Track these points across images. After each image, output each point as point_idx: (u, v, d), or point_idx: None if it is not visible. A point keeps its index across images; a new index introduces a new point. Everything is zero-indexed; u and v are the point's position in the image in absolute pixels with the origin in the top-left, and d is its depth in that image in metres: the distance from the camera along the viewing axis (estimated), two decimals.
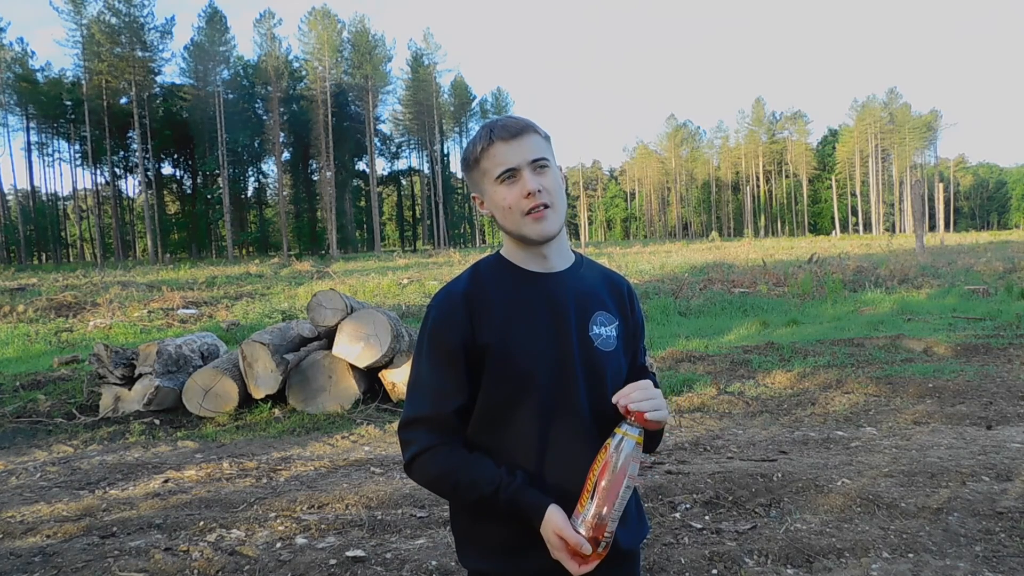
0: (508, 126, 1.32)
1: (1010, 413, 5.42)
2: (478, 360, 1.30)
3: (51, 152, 67.66)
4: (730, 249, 35.25)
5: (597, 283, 1.43)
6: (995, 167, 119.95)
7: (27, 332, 12.15)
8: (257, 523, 3.63)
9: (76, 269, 37.36)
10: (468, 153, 1.35)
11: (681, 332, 10.06)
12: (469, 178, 1.39)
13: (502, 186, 1.31)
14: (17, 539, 3.53)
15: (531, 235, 1.32)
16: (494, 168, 1.31)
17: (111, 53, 56.83)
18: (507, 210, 1.31)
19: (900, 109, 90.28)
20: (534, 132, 1.33)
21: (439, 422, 1.30)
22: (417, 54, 73.80)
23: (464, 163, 1.38)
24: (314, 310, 6.75)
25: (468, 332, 1.29)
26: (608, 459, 1.21)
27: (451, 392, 1.30)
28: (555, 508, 1.23)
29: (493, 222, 1.39)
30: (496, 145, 1.31)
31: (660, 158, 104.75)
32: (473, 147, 1.34)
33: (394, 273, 24.19)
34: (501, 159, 1.30)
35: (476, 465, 1.28)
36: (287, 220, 65.16)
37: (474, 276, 1.37)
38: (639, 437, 1.22)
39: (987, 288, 13.66)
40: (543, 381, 1.30)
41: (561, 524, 1.20)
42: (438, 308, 1.33)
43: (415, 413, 1.32)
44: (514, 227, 1.33)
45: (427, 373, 1.32)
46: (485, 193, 1.35)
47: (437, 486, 1.31)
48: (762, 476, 3.94)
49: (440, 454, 1.29)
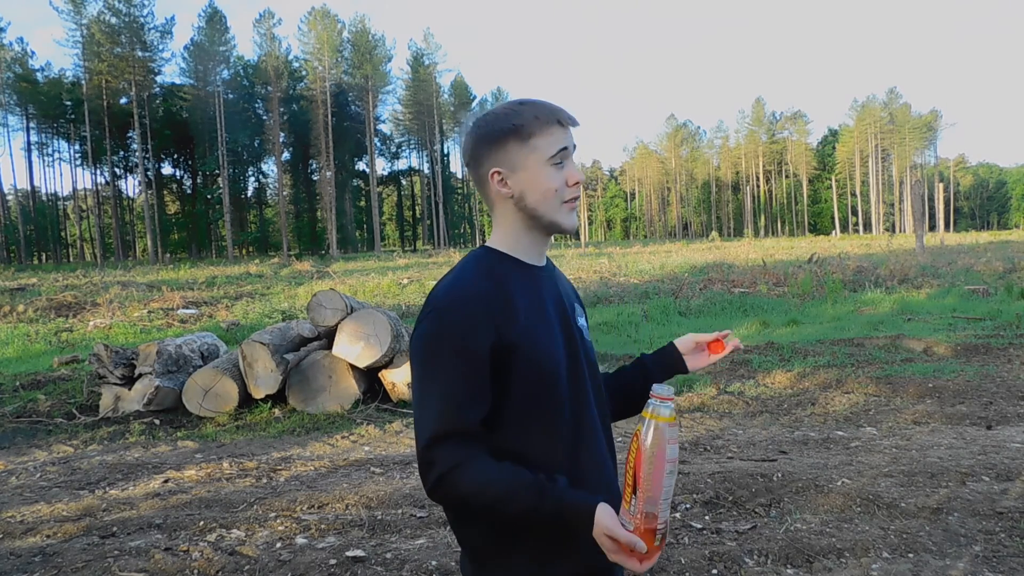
0: (569, 115, 1.29)
1: (1010, 413, 5.42)
2: (503, 363, 1.21)
3: (51, 152, 67.69)
4: (730, 249, 35.25)
5: (563, 277, 1.45)
6: (995, 167, 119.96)
7: (27, 332, 12.15)
8: (257, 523, 3.62)
9: (76, 269, 37.36)
10: (519, 123, 1.25)
11: (681, 332, 10.06)
12: (503, 149, 1.27)
13: (552, 168, 1.26)
14: (17, 539, 3.53)
15: (565, 224, 1.29)
16: (550, 147, 1.25)
17: (111, 53, 56.82)
18: (551, 192, 1.26)
19: (900, 109, 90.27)
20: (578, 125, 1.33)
21: (466, 435, 1.18)
22: (417, 54, 73.81)
23: (507, 132, 1.26)
24: (314, 310, 6.76)
25: (494, 334, 1.19)
26: (642, 446, 1.11)
27: (476, 401, 1.19)
28: (603, 508, 1.13)
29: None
30: (557, 126, 1.26)
31: (660, 158, 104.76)
32: (531, 119, 1.25)
33: (394, 273, 24.20)
34: (559, 140, 1.26)
35: (512, 474, 1.17)
36: (287, 220, 65.16)
37: (486, 272, 1.26)
38: (670, 416, 1.12)
39: (987, 288, 13.66)
40: (565, 377, 1.27)
41: (611, 525, 1.11)
42: (457, 311, 1.20)
43: (438, 429, 1.17)
44: (548, 212, 1.28)
45: (446, 382, 1.18)
46: (525, 169, 1.26)
47: (471, 504, 1.18)
48: (762, 476, 3.94)
49: (470, 468, 1.16)
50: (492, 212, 1.33)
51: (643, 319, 11.54)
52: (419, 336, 1.22)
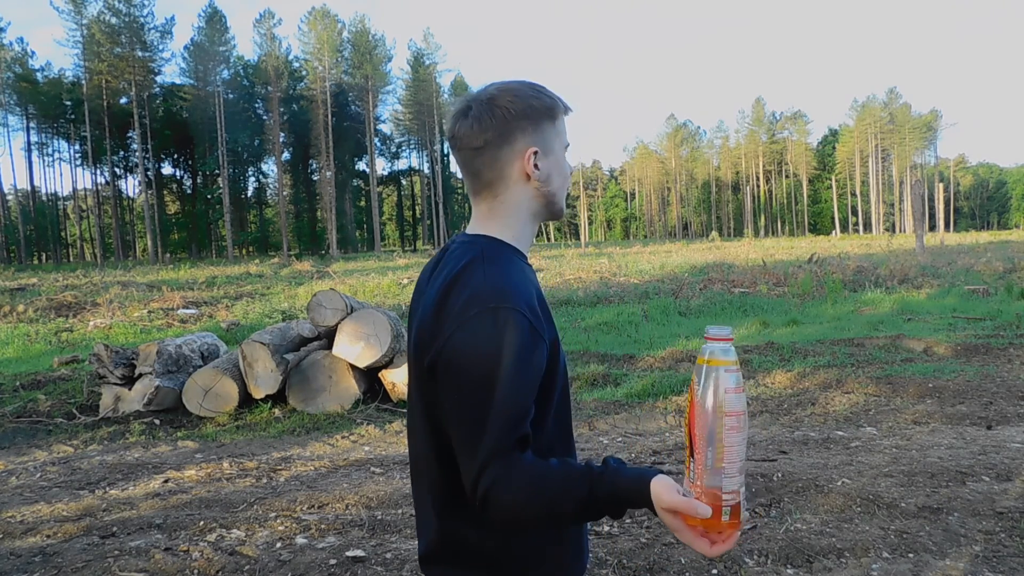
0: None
1: (1010, 413, 5.41)
2: (552, 362, 1.14)
3: (51, 152, 67.68)
4: (730, 249, 35.25)
5: None
6: (995, 167, 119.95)
7: (27, 332, 12.15)
8: (257, 523, 3.62)
9: (76, 269, 37.36)
10: (552, 104, 1.24)
11: (681, 332, 10.07)
12: (539, 128, 1.21)
13: (565, 153, 1.29)
14: (17, 539, 3.53)
15: (561, 209, 1.30)
16: (565, 135, 1.28)
17: (111, 53, 56.83)
18: (567, 178, 1.28)
19: (900, 109, 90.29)
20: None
21: (520, 444, 1.06)
22: (417, 54, 73.79)
23: (543, 111, 1.22)
24: (314, 310, 6.76)
25: (548, 334, 1.12)
26: (696, 400, 0.96)
27: (532, 409, 1.09)
28: (660, 480, 1.00)
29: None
30: (568, 115, 1.29)
31: (660, 158, 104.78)
32: (558, 104, 1.25)
33: (394, 273, 24.19)
34: (566, 130, 1.29)
35: (558, 469, 1.06)
36: (287, 220, 65.16)
37: (518, 263, 1.20)
38: (727, 360, 0.95)
39: (987, 288, 13.66)
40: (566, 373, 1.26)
41: (666, 496, 0.97)
42: (519, 311, 1.07)
43: (500, 443, 1.04)
44: (561, 198, 1.29)
45: (512, 393, 1.05)
46: (553, 152, 1.25)
47: (527, 511, 1.05)
48: (762, 476, 3.94)
49: (517, 472, 1.04)
50: (498, 196, 1.22)
51: (643, 319, 11.54)
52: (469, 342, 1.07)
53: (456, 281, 1.13)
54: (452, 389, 1.09)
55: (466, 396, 1.07)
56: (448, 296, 1.12)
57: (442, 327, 1.10)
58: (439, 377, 1.11)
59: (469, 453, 1.06)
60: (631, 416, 5.87)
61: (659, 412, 5.97)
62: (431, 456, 1.19)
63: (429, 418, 1.17)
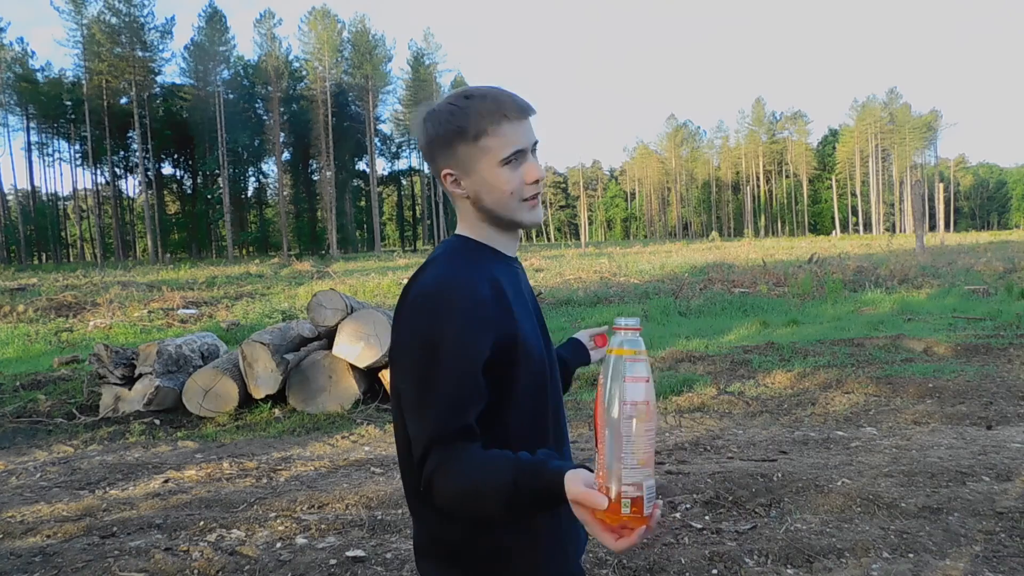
0: (521, 105, 1.19)
1: (1010, 413, 5.42)
2: (508, 357, 1.15)
3: (51, 152, 67.71)
4: (730, 249, 35.25)
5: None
6: (995, 167, 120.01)
7: (27, 332, 12.15)
8: (257, 523, 3.62)
9: (76, 269, 37.36)
10: (466, 124, 1.17)
11: (681, 332, 10.06)
12: (450, 150, 1.20)
13: (505, 168, 1.18)
14: (17, 539, 3.53)
15: (527, 221, 1.22)
16: (502, 148, 1.17)
17: (111, 53, 56.87)
18: (507, 195, 1.19)
19: (900, 109, 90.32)
20: (534, 112, 1.23)
21: (464, 434, 1.09)
22: (417, 54, 73.79)
23: (454, 134, 1.18)
24: (314, 310, 6.76)
25: (493, 328, 1.13)
26: (600, 391, 0.94)
27: (476, 399, 1.11)
28: (574, 471, 0.98)
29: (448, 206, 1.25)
30: (508, 123, 1.17)
31: (660, 158, 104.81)
32: (477, 120, 1.17)
33: (394, 273, 24.18)
34: (512, 139, 1.17)
35: (490, 459, 1.05)
36: (287, 220, 65.18)
37: (476, 260, 1.21)
38: (631, 349, 0.93)
39: (987, 288, 13.65)
40: (548, 362, 1.25)
41: (571, 487, 0.95)
42: (453, 305, 1.11)
43: (436, 433, 1.07)
44: (508, 212, 1.21)
45: (447, 381, 1.09)
46: (476, 172, 1.19)
47: (460, 501, 1.07)
48: (762, 476, 3.94)
49: (454, 462, 1.06)
50: (456, 204, 1.27)
51: (643, 319, 11.54)
52: (410, 333, 1.12)
53: (414, 277, 1.19)
54: (399, 380, 1.16)
55: (409, 386, 1.13)
56: (405, 292, 1.19)
57: (395, 321, 1.18)
58: (391, 369, 1.19)
59: (415, 442, 1.11)
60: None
61: (659, 412, 5.97)
62: (401, 448, 1.22)
63: (398, 410, 1.20)
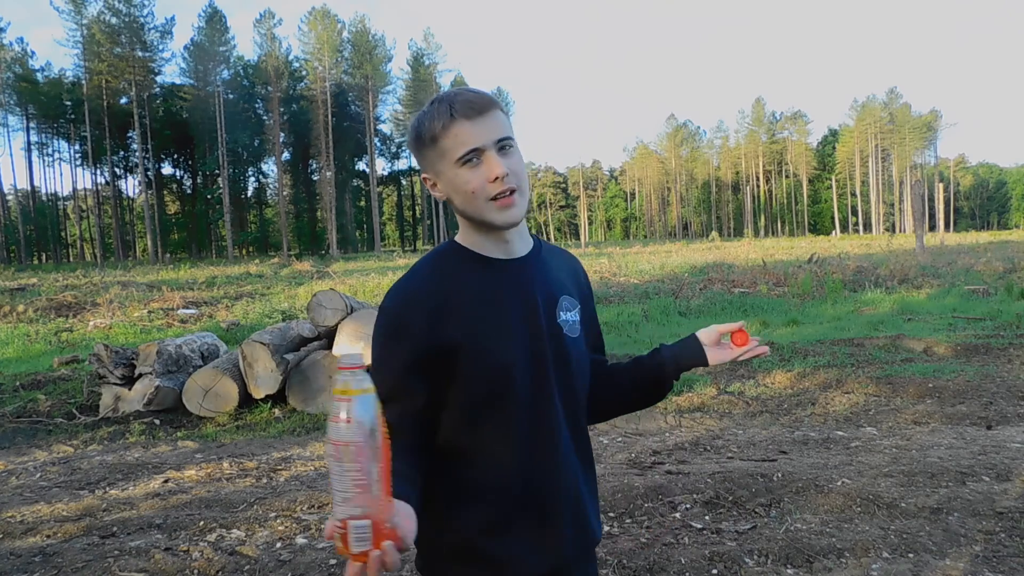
0: (472, 101, 1.17)
1: (1010, 413, 5.42)
2: (447, 361, 1.17)
3: (51, 152, 67.73)
4: (730, 249, 35.25)
5: (560, 266, 1.36)
6: (995, 167, 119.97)
7: (27, 332, 12.15)
8: (257, 523, 3.63)
9: (76, 269, 37.36)
10: (422, 130, 1.19)
11: (681, 332, 10.07)
12: (421, 156, 1.23)
13: (463, 168, 1.17)
14: (17, 539, 3.53)
15: (497, 222, 1.20)
16: (456, 148, 1.17)
17: (111, 53, 56.87)
18: (470, 195, 1.18)
19: (900, 109, 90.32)
20: (497, 108, 1.20)
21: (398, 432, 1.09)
22: (417, 54, 73.80)
23: (417, 141, 1.22)
24: (314, 310, 6.76)
25: (424, 333, 1.16)
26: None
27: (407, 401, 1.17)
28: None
29: (447, 206, 1.25)
30: (459, 123, 1.16)
31: (660, 158, 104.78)
32: (429, 123, 1.18)
33: (394, 273, 24.17)
34: (464, 138, 1.16)
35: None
36: (287, 220, 65.19)
37: (433, 268, 1.24)
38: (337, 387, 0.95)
39: (987, 288, 13.66)
40: (520, 375, 1.21)
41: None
42: (391, 308, 1.20)
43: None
44: (477, 213, 1.20)
45: (381, 373, 1.16)
46: (442, 175, 1.21)
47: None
48: (762, 476, 3.94)
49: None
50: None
51: (643, 319, 11.54)
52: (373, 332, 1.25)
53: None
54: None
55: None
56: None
57: None
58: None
59: None
60: (631, 416, 5.87)
61: (659, 412, 5.97)
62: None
63: None
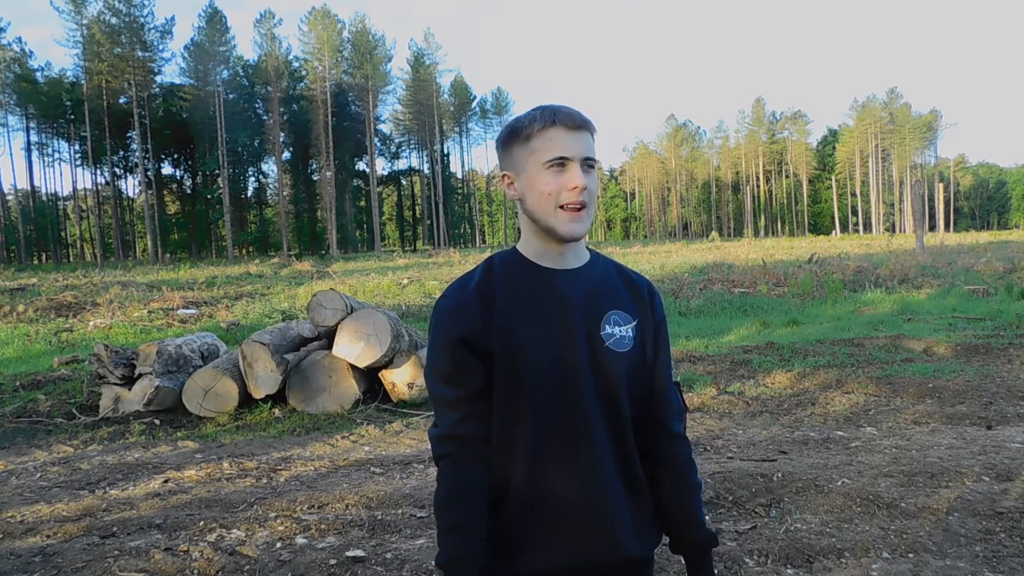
0: (573, 116, 1.28)
1: (1010, 413, 5.41)
2: (489, 352, 1.26)
3: (51, 152, 67.67)
4: (730, 249, 35.24)
5: (613, 281, 1.37)
6: (995, 167, 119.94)
7: (27, 332, 12.14)
8: (257, 523, 3.62)
9: (76, 269, 37.34)
10: (520, 127, 1.29)
11: (681, 332, 10.06)
12: (507, 153, 1.32)
13: (548, 171, 1.26)
14: (17, 539, 3.53)
15: (561, 231, 1.26)
16: (547, 151, 1.26)
17: (111, 53, 56.79)
18: (546, 196, 1.26)
19: (900, 109, 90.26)
20: (591, 131, 1.30)
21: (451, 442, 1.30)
22: (417, 54, 73.77)
23: (510, 135, 1.30)
24: (314, 310, 6.75)
25: (482, 319, 1.26)
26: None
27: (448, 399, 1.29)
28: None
29: (516, 208, 1.34)
30: (556, 128, 1.26)
31: (660, 158, 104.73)
32: (529, 123, 1.28)
33: (394, 273, 24.18)
34: (558, 144, 1.25)
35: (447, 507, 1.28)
36: (287, 220, 65.14)
37: (488, 267, 1.34)
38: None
39: (987, 288, 13.66)
40: (541, 381, 1.24)
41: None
42: (451, 295, 1.31)
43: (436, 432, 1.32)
44: (544, 217, 1.27)
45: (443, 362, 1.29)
46: (524, 172, 1.29)
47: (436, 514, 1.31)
48: (762, 476, 3.94)
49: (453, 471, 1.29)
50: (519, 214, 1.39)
51: None
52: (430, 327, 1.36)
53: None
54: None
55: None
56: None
57: None
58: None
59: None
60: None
61: None
62: None
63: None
